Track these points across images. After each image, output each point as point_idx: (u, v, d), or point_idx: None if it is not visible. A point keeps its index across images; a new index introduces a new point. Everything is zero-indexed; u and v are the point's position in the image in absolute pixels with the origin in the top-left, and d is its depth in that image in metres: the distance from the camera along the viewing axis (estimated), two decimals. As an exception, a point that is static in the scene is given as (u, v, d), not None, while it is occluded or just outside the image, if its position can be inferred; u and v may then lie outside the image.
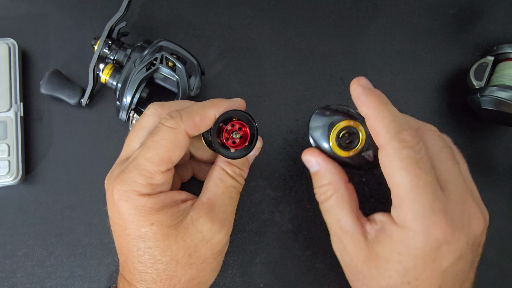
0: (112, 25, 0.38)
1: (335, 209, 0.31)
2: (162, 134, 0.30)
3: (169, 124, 0.30)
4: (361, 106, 0.29)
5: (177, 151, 0.30)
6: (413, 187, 0.26)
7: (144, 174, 0.29)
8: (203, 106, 0.31)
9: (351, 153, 0.33)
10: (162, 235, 0.29)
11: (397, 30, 0.46)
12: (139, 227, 0.29)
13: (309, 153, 0.32)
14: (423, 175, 0.27)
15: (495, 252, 0.42)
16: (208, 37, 0.44)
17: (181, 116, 0.30)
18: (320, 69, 0.44)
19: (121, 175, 0.30)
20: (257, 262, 0.40)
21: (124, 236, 0.30)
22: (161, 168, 0.29)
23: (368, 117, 0.29)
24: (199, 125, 0.30)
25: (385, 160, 0.28)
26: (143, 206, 0.29)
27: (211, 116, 0.31)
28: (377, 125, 0.28)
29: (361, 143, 0.33)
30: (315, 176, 0.33)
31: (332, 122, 0.33)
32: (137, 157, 0.30)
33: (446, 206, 0.27)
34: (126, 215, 0.29)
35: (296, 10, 0.46)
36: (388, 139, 0.27)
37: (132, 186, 0.29)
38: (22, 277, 0.39)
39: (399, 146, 0.27)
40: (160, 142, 0.29)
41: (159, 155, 0.29)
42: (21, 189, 0.41)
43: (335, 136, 0.33)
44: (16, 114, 0.40)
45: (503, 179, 0.43)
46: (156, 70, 0.38)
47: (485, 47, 0.44)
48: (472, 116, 0.44)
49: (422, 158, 0.27)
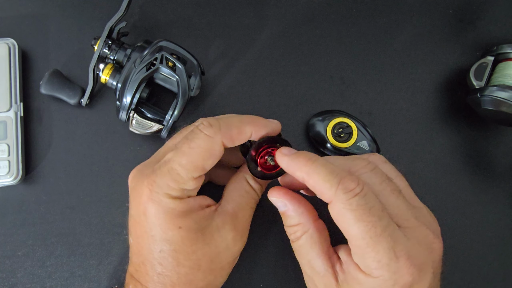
0: (112, 25, 0.38)
1: (305, 250, 0.31)
2: (199, 142, 0.29)
3: (207, 132, 0.30)
4: (295, 173, 0.29)
5: (211, 160, 0.30)
6: (371, 237, 0.26)
7: (177, 180, 0.29)
8: (241, 121, 0.31)
9: (348, 145, 0.40)
10: (189, 239, 0.30)
11: (397, 30, 0.46)
12: (166, 230, 0.29)
13: (275, 193, 0.32)
14: (378, 222, 0.26)
15: (495, 252, 0.42)
16: (208, 37, 0.44)
17: (220, 126, 0.30)
18: (320, 69, 0.44)
19: (153, 176, 0.30)
20: (257, 262, 0.40)
21: (148, 237, 0.30)
22: (194, 175, 0.30)
23: (305, 179, 0.28)
24: (235, 139, 0.31)
25: (336, 214, 0.27)
26: (173, 209, 0.29)
27: (247, 132, 0.31)
28: (316, 183, 0.28)
29: (355, 134, 0.40)
30: (284, 216, 0.32)
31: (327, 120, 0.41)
32: (171, 161, 0.30)
33: (406, 245, 0.27)
34: (154, 217, 0.29)
35: (296, 10, 0.46)
36: (333, 193, 0.27)
37: (164, 189, 0.29)
38: (22, 277, 0.39)
39: (347, 197, 0.26)
40: (196, 150, 0.29)
41: (194, 163, 0.29)
42: (21, 189, 0.41)
43: (331, 132, 0.40)
44: (16, 114, 0.40)
45: (503, 179, 0.43)
46: (156, 70, 0.38)
47: (485, 47, 0.44)
48: (472, 116, 0.44)
49: (373, 203, 0.27)
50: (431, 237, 0.28)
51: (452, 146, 0.44)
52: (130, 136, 0.41)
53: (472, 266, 0.42)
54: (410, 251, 0.26)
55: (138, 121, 0.38)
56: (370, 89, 0.44)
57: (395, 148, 0.43)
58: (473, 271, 0.42)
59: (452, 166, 0.43)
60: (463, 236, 0.42)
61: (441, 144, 0.44)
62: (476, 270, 0.42)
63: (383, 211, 0.27)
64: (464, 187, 0.43)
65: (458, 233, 0.42)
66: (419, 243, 0.27)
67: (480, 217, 0.43)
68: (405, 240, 0.27)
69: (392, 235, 0.26)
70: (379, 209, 0.27)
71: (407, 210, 0.29)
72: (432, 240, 0.28)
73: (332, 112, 0.42)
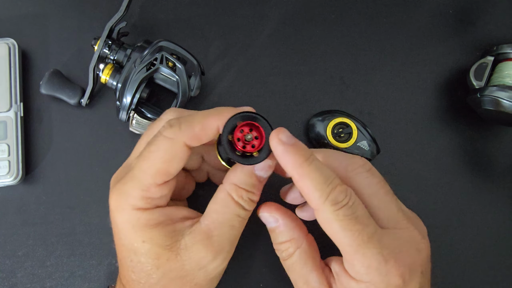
0: (112, 25, 0.38)
1: (299, 266, 0.30)
2: (159, 144, 0.28)
3: (167, 133, 0.28)
4: (286, 167, 0.27)
5: (175, 163, 0.28)
6: (359, 244, 0.26)
7: (139, 187, 0.28)
8: (206, 115, 0.28)
9: (348, 145, 0.40)
10: (154, 254, 0.28)
11: (397, 30, 0.46)
12: (132, 241, 0.28)
13: (266, 209, 0.31)
14: (365, 229, 0.26)
15: (495, 252, 0.42)
16: (208, 37, 0.44)
17: (180, 125, 0.28)
18: (320, 69, 0.44)
19: (118, 184, 0.29)
20: (257, 262, 0.40)
21: (119, 245, 0.30)
22: (157, 181, 0.28)
23: (296, 179, 0.27)
24: (200, 136, 0.28)
25: (323, 222, 0.27)
26: (136, 221, 0.28)
27: (213, 126, 0.28)
28: (305, 187, 0.26)
29: (355, 134, 0.40)
30: (274, 232, 0.31)
31: (327, 120, 0.41)
32: (134, 167, 0.28)
33: (394, 248, 0.27)
34: (120, 227, 0.29)
35: (296, 10, 0.46)
36: (321, 203, 0.26)
37: (127, 198, 0.28)
38: (22, 277, 0.39)
39: (334, 208, 0.26)
40: (156, 153, 0.27)
41: (155, 166, 0.27)
42: (21, 189, 0.41)
43: (331, 132, 0.40)
44: (16, 114, 0.40)
45: (503, 179, 0.43)
46: (156, 70, 0.38)
47: (485, 47, 0.44)
48: (472, 116, 0.44)
49: (359, 212, 0.26)
50: (418, 237, 0.28)
51: (452, 146, 0.44)
52: (130, 136, 0.41)
53: (472, 266, 0.42)
54: (399, 253, 0.27)
55: (138, 121, 0.38)
56: (370, 89, 0.44)
57: (395, 148, 0.43)
58: (473, 271, 0.42)
59: (452, 166, 0.43)
60: (463, 236, 0.42)
61: (441, 144, 0.44)
62: (476, 270, 0.42)
63: (370, 218, 0.27)
64: (464, 187, 0.43)
65: (458, 233, 0.42)
66: (407, 244, 0.28)
67: (480, 217, 0.43)
68: (393, 243, 0.27)
69: (380, 239, 0.26)
70: (365, 217, 0.27)
71: (397, 212, 0.29)
72: (420, 241, 0.28)
73: (332, 112, 0.42)
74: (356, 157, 0.31)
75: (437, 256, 0.42)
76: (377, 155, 0.42)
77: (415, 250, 0.28)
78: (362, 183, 0.29)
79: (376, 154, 0.41)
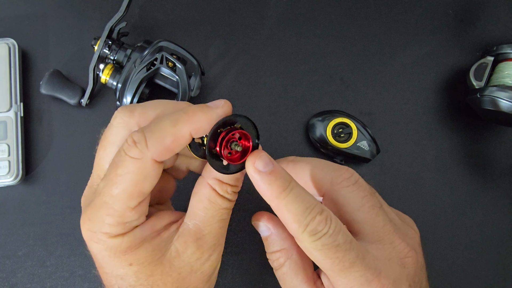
0: (112, 25, 0.38)
1: (289, 277, 0.29)
2: (127, 166, 0.24)
3: (133, 154, 0.24)
4: (263, 195, 0.26)
5: (148, 182, 0.25)
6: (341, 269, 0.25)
7: (113, 214, 0.25)
8: (175, 123, 0.25)
9: (348, 145, 0.40)
10: (144, 274, 0.26)
11: (397, 30, 0.46)
12: (116, 268, 0.26)
13: (259, 217, 0.30)
14: (346, 256, 0.25)
15: (495, 252, 0.42)
16: (208, 37, 0.44)
17: (147, 142, 0.24)
18: (320, 69, 0.44)
19: (88, 212, 0.26)
20: (257, 262, 0.40)
21: (103, 273, 0.27)
22: (130, 205, 0.25)
23: (273, 207, 0.26)
24: (172, 149, 0.25)
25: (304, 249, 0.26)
26: (117, 248, 0.25)
27: (185, 135, 0.25)
28: (283, 218, 0.26)
29: (355, 134, 0.40)
30: (266, 241, 0.30)
31: (327, 120, 0.41)
32: (102, 193, 0.25)
33: (378, 266, 0.26)
34: (99, 257, 0.26)
35: (296, 10, 0.46)
36: (299, 234, 0.25)
37: (101, 228, 0.25)
38: (22, 277, 0.39)
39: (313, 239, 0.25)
40: (125, 177, 0.24)
41: (125, 191, 0.25)
42: (21, 189, 0.41)
43: (331, 132, 0.40)
44: (16, 114, 0.40)
45: (503, 179, 0.43)
46: (156, 71, 0.38)
47: (485, 47, 0.44)
48: (472, 116, 0.44)
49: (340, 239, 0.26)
50: (405, 251, 0.28)
51: (452, 146, 0.44)
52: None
53: (472, 266, 0.42)
54: (382, 271, 0.26)
55: (138, 121, 0.38)
56: (370, 89, 0.44)
57: (395, 148, 0.43)
58: (473, 271, 0.42)
59: (452, 166, 0.43)
60: (463, 236, 0.42)
61: (441, 144, 0.44)
62: (476, 270, 0.42)
63: (351, 243, 0.26)
64: (464, 187, 0.43)
65: (458, 233, 0.42)
66: (391, 260, 0.27)
67: (480, 217, 0.43)
68: (377, 260, 0.27)
69: (363, 261, 0.26)
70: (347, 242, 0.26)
71: (383, 226, 0.28)
72: (406, 255, 0.28)
73: (332, 112, 0.42)
74: (342, 168, 0.29)
75: (437, 256, 0.42)
76: (377, 155, 0.42)
77: (399, 266, 0.27)
78: (347, 197, 0.28)
79: (376, 154, 0.41)
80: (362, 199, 0.28)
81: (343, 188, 0.28)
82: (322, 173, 0.29)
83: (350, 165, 0.43)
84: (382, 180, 0.43)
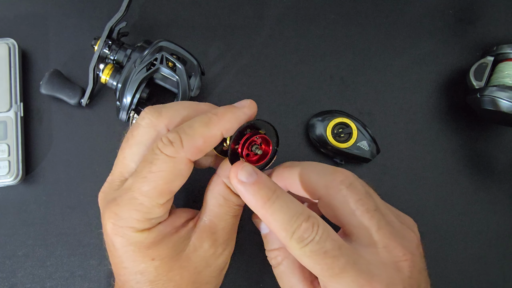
0: (112, 25, 0.38)
1: (286, 276, 0.29)
2: (160, 165, 0.26)
3: (168, 152, 0.26)
4: (249, 205, 0.26)
5: (178, 181, 0.27)
6: (331, 275, 0.25)
7: (141, 210, 0.26)
8: (207, 124, 0.27)
9: (348, 145, 0.40)
10: (164, 269, 0.27)
11: (397, 30, 0.46)
12: (137, 263, 0.27)
13: None
14: (335, 262, 0.25)
15: (495, 252, 0.42)
16: (208, 37, 0.44)
17: (182, 141, 0.26)
18: (320, 69, 0.44)
19: (114, 207, 0.27)
20: (257, 262, 0.40)
21: (121, 268, 0.28)
22: (159, 202, 0.26)
23: (260, 216, 0.26)
24: (203, 149, 0.27)
25: (294, 256, 0.26)
26: (141, 243, 0.27)
27: (217, 135, 0.27)
28: (270, 226, 0.26)
29: (355, 134, 0.40)
30: (265, 239, 0.31)
31: (327, 120, 0.40)
32: (131, 189, 0.26)
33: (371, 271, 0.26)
34: (122, 251, 0.27)
35: (296, 10, 0.46)
36: (288, 240, 0.25)
37: (127, 222, 0.26)
38: (22, 277, 0.39)
39: (300, 246, 0.25)
40: (158, 174, 0.26)
41: (157, 188, 0.26)
42: (21, 189, 0.41)
43: (331, 132, 0.40)
44: (16, 114, 0.40)
45: (503, 179, 0.43)
46: (156, 71, 0.38)
47: (485, 47, 0.44)
48: (472, 116, 0.44)
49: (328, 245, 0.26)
50: (399, 255, 0.27)
51: (452, 146, 0.44)
52: (130, 136, 0.41)
53: (472, 266, 0.42)
54: (375, 275, 0.26)
55: (138, 121, 0.38)
56: (370, 89, 0.44)
57: (395, 148, 0.43)
58: (473, 271, 0.42)
59: (452, 166, 0.43)
60: (463, 236, 0.42)
61: (441, 144, 0.44)
62: (476, 270, 0.42)
63: (341, 248, 0.26)
64: (464, 187, 0.43)
65: (458, 233, 0.42)
66: (385, 264, 0.27)
67: (480, 217, 0.43)
68: (370, 264, 0.26)
69: (354, 267, 0.26)
70: (335, 248, 0.26)
71: (377, 230, 0.28)
72: (400, 258, 0.27)
73: (332, 112, 0.42)
74: (337, 171, 0.29)
75: (437, 256, 0.42)
76: (377, 155, 0.42)
77: (393, 270, 0.27)
78: (341, 201, 0.28)
79: (376, 154, 0.41)
80: (356, 202, 0.28)
81: (337, 192, 0.28)
82: (316, 177, 0.29)
83: (350, 165, 0.43)
84: (382, 180, 0.43)
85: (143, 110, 0.29)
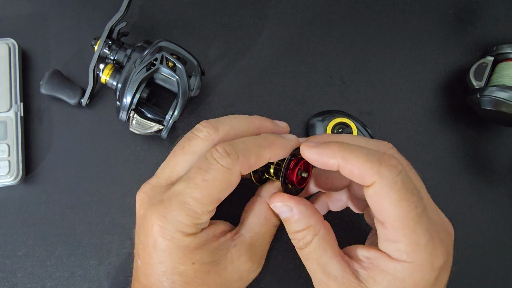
0: (112, 25, 0.38)
1: (317, 254, 0.28)
2: (215, 174, 0.27)
3: (225, 163, 0.27)
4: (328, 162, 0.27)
5: (227, 191, 0.28)
6: (413, 217, 0.25)
7: (191, 215, 0.27)
8: (259, 146, 0.29)
9: None
10: (202, 272, 0.28)
11: (397, 30, 0.46)
12: (178, 265, 0.28)
13: (279, 198, 0.30)
14: (420, 202, 0.25)
15: (495, 252, 0.42)
16: (208, 37, 0.44)
17: (238, 155, 0.27)
18: (320, 69, 0.44)
19: (163, 209, 0.28)
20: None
21: (157, 267, 0.28)
22: (209, 208, 0.28)
23: (341, 165, 0.26)
24: (253, 166, 0.28)
25: (377, 196, 0.25)
26: (187, 246, 0.28)
27: (266, 158, 0.29)
28: (355, 165, 0.26)
29: (354, 134, 0.40)
30: (289, 222, 0.30)
31: (327, 120, 0.41)
32: (183, 193, 0.27)
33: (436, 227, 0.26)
34: (165, 252, 0.28)
35: (296, 10, 0.46)
36: (376, 172, 0.25)
37: (176, 226, 0.27)
38: (22, 277, 0.39)
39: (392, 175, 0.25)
40: (211, 183, 0.27)
41: (210, 196, 0.27)
42: (21, 189, 0.41)
43: (331, 132, 0.40)
44: (16, 114, 0.40)
45: (503, 179, 0.43)
46: (156, 71, 0.38)
47: (485, 47, 0.44)
48: (472, 116, 0.44)
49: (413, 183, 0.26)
50: (446, 220, 0.29)
51: (452, 146, 0.44)
52: (130, 136, 0.41)
53: (472, 266, 0.42)
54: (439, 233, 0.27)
55: (138, 121, 0.38)
56: (370, 89, 0.44)
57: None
58: (473, 271, 0.42)
59: (452, 166, 0.43)
60: (463, 236, 0.42)
61: (441, 144, 0.44)
62: (476, 270, 0.42)
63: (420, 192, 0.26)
64: (464, 187, 0.43)
65: (458, 233, 0.42)
66: (441, 225, 0.28)
67: (480, 217, 0.43)
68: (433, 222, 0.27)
69: (428, 216, 0.26)
70: (416, 188, 0.26)
71: (426, 193, 0.29)
72: (447, 223, 0.29)
73: (332, 112, 0.42)
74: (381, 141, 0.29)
75: (437, 256, 0.42)
76: (377, 155, 0.42)
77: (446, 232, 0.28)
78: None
79: (376, 154, 0.41)
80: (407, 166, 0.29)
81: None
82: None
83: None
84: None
85: (199, 123, 0.31)
